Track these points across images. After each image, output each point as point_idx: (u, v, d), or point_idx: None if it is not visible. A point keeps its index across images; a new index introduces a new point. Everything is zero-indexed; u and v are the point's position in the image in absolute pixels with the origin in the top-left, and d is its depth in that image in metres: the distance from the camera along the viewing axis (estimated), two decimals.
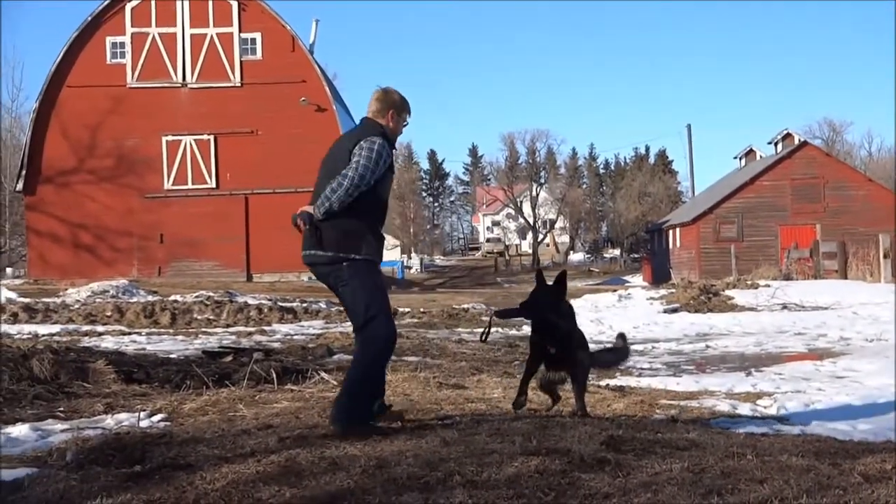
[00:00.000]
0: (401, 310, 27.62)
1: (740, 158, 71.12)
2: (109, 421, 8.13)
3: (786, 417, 9.29)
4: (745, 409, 9.81)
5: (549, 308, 7.92)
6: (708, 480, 5.25)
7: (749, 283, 35.05)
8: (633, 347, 19.10)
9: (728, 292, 31.72)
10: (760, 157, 67.65)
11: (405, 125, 7.59)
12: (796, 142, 62.65)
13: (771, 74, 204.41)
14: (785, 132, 63.87)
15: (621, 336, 9.58)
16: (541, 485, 5.18)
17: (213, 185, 49.53)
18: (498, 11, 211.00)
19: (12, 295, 31.91)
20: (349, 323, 7.59)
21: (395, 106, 7.44)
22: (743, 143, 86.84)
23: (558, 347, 7.94)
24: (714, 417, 9.02)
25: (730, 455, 5.92)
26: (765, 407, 10.04)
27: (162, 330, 23.00)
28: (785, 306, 28.64)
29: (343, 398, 7.03)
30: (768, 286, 33.03)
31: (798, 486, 5.11)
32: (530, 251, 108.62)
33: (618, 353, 9.54)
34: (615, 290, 37.81)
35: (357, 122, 7.66)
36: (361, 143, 7.07)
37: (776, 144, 64.49)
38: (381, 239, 7.26)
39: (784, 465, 5.64)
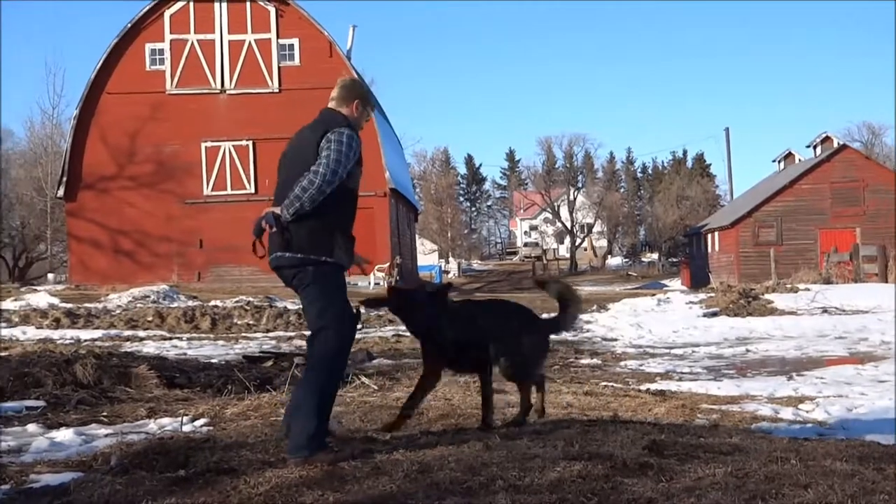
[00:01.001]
0: None
1: (779, 162, 70.68)
2: (153, 426, 8.20)
3: (828, 422, 9.25)
4: (787, 413, 9.78)
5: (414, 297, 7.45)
6: (752, 485, 5.23)
7: (789, 286, 34.84)
8: (673, 352, 19.11)
9: (768, 296, 31.56)
10: (799, 160, 67.20)
11: (367, 121, 7.04)
12: (835, 145, 62.20)
13: (809, 77, 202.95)
14: (824, 135, 63.41)
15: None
16: (583, 489, 5.17)
17: (252, 191, 49.66)
18: (534, 14, 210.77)
19: (54, 300, 32.16)
20: (388, 327, 7.39)
21: (360, 96, 6.92)
22: (781, 147, 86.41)
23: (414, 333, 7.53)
24: (756, 422, 8.98)
25: (773, 460, 5.89)
26: (807, 411, 10.01)
27: (202, 335, 23.15)
28: (825, 310, 28.48)
29: (300, 421, 6.31)
30: (808, 290, 32.82)
31: (842, 491, 5.09)
32: (568, 255, 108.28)
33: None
34: (654, 295, 37.72)
35: (391, 126, 7.22)
36: (329, 134, 6.52)
37: (815, 147, 64.02)
38: (352, 240, 6.72)
39: (828, 470, 5.61)
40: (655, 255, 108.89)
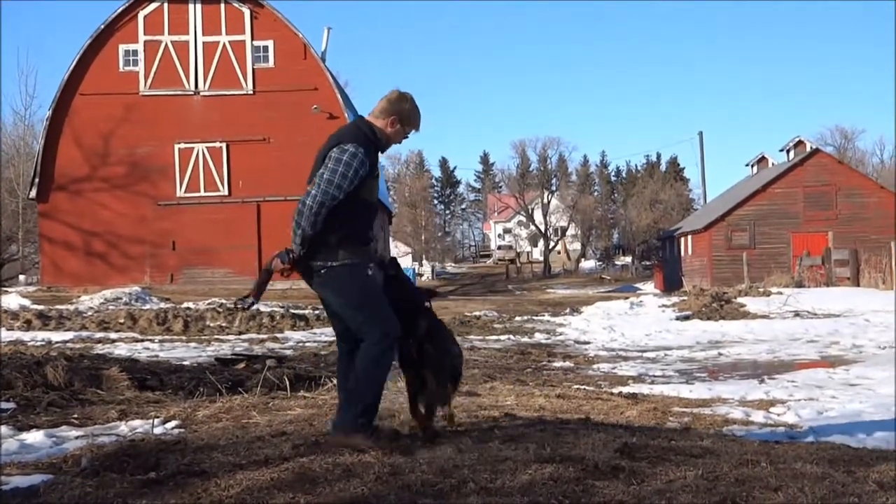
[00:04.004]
0: None
1: (752, 166, 70.94)
2: (123, 428, 8.15)
3: (799, 425, 9.29)
4: (758, 416, 9.81)
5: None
6: (722, 488, 5.24)
7: (761, 290, 35.05)
8: (645, 355, 19.16)
9: (740, 300, 31.72)
10: (772, 164, 67.48)
11: (405, 138, 6.97)
12: (808, 149, 62.44)
13: (783, 82, 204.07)
14: (797, 139, 63.68)
15: None
16: (555, 492, 5.17)
17: (226, 193, 49.56)
18: (510, 17, 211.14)
19: (26, 302, 31.99)
20: None
21: (400, 114, 6.81)
22: (755, 151, 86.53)
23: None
24: (727, 425, 9.01)
25: (744, 462, 5.91)
26: (778, 414, 10.04)
27: (174, 337, 23.06)
28: (797, 314, 28.62)
29: (348, 407, 6.55)
30: (780, 294, 33.01)
31: (813, 493, 5.10)
32: (541, 258, 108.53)
33: None
34: (627, 298, 37.82)
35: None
36: (332, 151, 6.52)
37: (788, 152, 64.31)
38: (366, 241, 6.68)
39: (798, 473, 5.63)
40: (629, 259, 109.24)
